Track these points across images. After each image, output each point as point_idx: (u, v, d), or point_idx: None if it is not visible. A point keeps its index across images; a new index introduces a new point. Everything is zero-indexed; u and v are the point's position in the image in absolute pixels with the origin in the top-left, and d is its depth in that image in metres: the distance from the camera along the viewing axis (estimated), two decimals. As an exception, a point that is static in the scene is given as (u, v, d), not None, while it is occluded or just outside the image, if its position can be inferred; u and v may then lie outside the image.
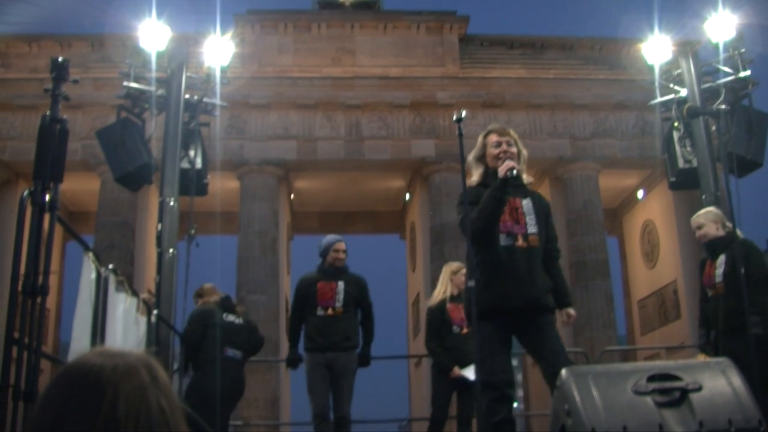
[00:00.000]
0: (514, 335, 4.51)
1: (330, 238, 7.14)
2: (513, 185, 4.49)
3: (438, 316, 7.11)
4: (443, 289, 7.24)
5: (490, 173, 4.61)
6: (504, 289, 4.38)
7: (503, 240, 4.44)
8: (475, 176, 4.74)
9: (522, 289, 4.38)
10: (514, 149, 4.65)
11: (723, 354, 5.19)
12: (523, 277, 4.39)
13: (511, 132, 4.77)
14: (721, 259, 6.17)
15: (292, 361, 7.14)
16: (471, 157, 4.79)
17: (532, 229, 4.51)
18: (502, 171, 4.38)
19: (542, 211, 4.65)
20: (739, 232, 6.03)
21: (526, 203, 4.58)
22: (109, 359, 1.18)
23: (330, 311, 6.76)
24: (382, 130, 18.21)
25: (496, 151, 4.63)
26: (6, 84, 17.31)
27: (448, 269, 7.36)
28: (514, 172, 4.37)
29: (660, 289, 18.90)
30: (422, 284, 18.56)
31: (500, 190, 4.39)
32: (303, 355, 6.99)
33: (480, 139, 4.80)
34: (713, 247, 6.26)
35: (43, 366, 4.07)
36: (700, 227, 6.35)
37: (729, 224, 6.17)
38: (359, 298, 7.01)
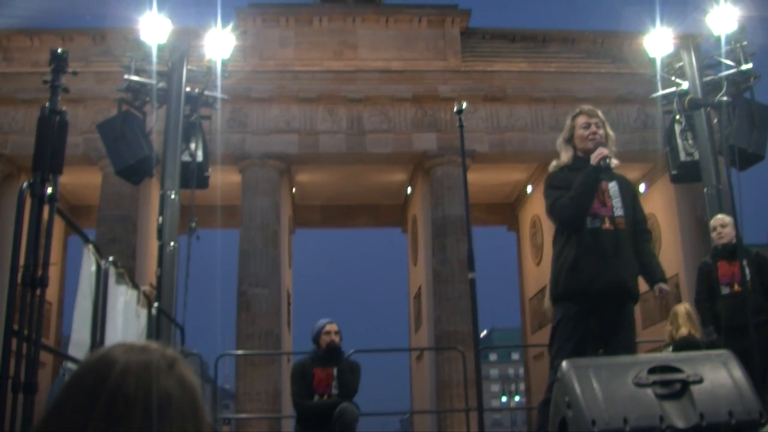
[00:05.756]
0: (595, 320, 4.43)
1: (320, 322, 6.87)
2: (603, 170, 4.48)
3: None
4: None
5: (579, 156, 4.58)
6: (589, 271, 4.33)
7: (589, 222, 4.39)
8: (563, 158, 4.68)
9: (607, 271, 4.31)
10: (602, 131, 4.59)
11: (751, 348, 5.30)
12: (608, 259, 4.33)
13: (599, 113, 4.70)
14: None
15: None
16: (560, 139, 4.76)
17: (618, 212, 4.44)
18: (594, 159, 4.34)
19: (628, 194, 4.57)
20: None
21: (613, 186, 4.51)
22: (127, 346, 1.18)
23: (326, 398, 6.56)
24: (383, 124, 18.19)
25: (585, 132, 4.59)
26: (8, 78, 17.30)
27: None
28: (608, 160, 4.33)
29: (662, 283, 18.84)
30: (424, 278, 18.56)
31: (593, 177, 4.35)
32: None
33: (568, 121, 4.75)
34: (732, 248, 6.67)
35: (45, 359, 4.06)
36: (725, 226, 6.79)
37: None
38: (352, 385, 6.71)
